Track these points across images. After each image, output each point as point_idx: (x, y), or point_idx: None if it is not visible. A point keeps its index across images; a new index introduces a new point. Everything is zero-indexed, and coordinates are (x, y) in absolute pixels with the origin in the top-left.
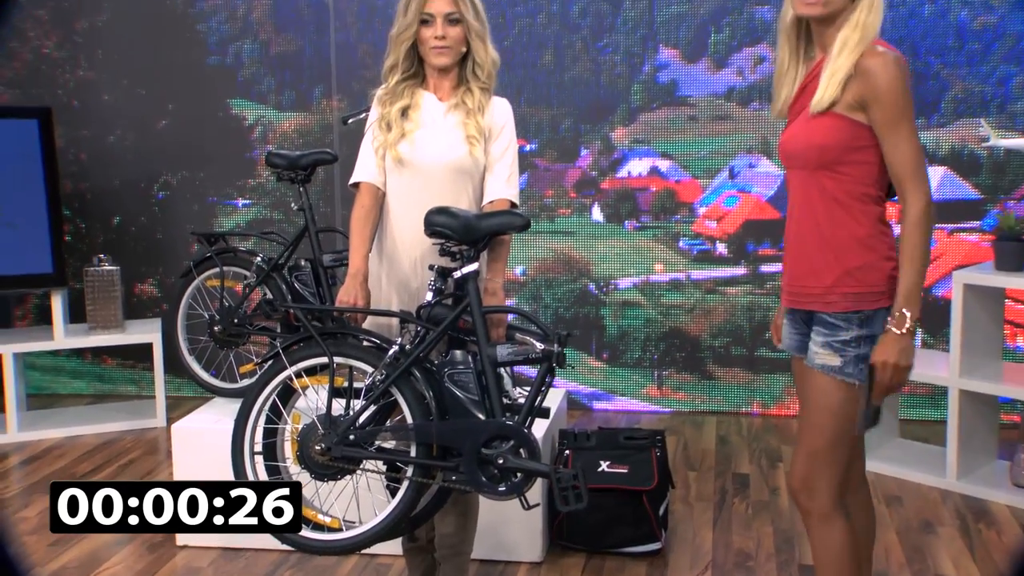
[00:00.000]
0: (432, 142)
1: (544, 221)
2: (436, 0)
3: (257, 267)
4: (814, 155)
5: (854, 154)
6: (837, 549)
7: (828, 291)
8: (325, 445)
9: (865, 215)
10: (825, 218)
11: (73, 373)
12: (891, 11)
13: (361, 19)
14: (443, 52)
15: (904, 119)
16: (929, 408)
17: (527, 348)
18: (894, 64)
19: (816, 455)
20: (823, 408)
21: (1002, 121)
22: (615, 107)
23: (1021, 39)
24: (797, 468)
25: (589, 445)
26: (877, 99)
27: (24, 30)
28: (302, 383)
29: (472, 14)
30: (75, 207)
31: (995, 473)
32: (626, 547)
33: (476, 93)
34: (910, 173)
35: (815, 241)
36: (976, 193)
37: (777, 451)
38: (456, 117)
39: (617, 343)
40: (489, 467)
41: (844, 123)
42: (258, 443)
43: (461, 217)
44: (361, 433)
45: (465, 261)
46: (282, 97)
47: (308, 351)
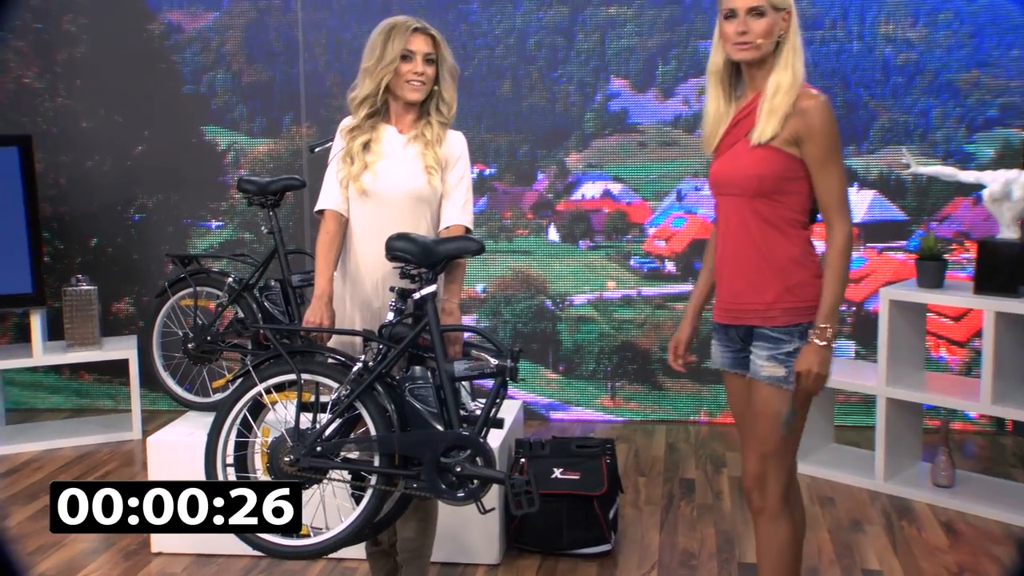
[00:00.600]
0: (393, 172)
1: (503, 241)
2: (417, 39)
3: (229, 287)
4: (753, 184)
5: (788, 184)
6: (784, 545)
7: (769, 307)
8: (294, 456)
9: (798, 237)
10: (762, 241)
11: (51, 388)
12: (823, 47)
13: (329, 51)
14: (418, 88)
15: (833, 156)
16: (860, 415)
17: (482, 364)
18: (826, 106)
19: (767, 458)
20: (770, 415)
21: (924, 149)
22: (569, 134)
23: (939, 74)
24: (750, 470)
25: (543, 453)
26: (812, 137)
27: (6, 61)
28: (271, 398)
29: (449, 55)
30: (54, 229)
31: (918, 475)
32: (578, 549)
33: (435, 126)
34: (836, 205)
35: (754, 262)
36: (903, 215)
37: (722, 457)
38: (415, 148)
39: (572, 356)
40: (448, 475)
41: (780, 156)
42: (230, 455)
43: (420, 242)
44: (327, 445)
45: (424, 283)
46: (253, 124)
47: (277, 368)
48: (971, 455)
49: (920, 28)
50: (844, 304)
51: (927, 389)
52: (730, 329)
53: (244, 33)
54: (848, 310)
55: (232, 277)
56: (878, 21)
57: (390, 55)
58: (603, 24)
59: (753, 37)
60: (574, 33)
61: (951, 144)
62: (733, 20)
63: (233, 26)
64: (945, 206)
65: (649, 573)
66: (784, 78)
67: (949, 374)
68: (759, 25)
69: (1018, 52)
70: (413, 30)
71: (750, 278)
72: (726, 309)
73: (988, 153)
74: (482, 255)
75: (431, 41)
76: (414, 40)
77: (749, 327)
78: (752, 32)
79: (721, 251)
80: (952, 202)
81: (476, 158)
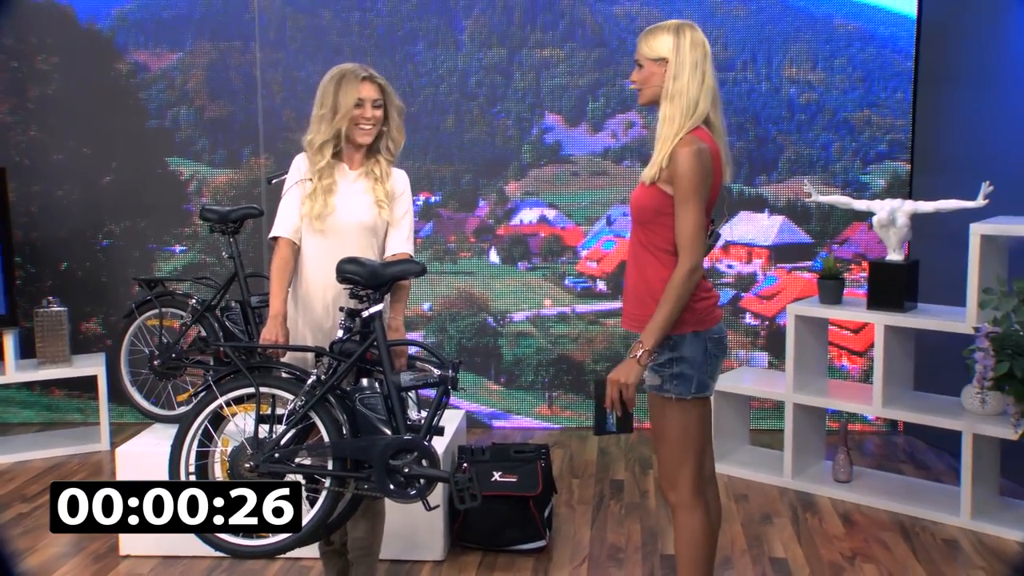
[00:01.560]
0: (346, 206)
1: (448, 263)
2: (365, 87)
3: (192, 308)
4: (638, 214)
5: (661, 217)
6: (698, 535)
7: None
8: (253, 463)
9: (670, 263)
10: (644, 263)
11: (23, 403)
12: (735, 87)
13: (285, 88)
14: (368, 132)
15: (691, 198)
16: (772, 419)
17: (426, 374)
18: (691, 155)
19: (670, 459)
20: (658, 421)
21: (825, 179)
22: (508, 164)
23: (838, 112)
24: (661, 470)
25: (484, 458)
26: (675, 180)
27: None
28: (231, 411)
29: (395, 97)
30: (26, 254)
31: (821, 472)
32: (516, 545)
33: (383, 163)
34: (687, 241)
35: (638, 281)
36: (808, 238)
37: (648, 460)
38: (365, 183)
39: (512, 369)
40: (396, 476)
41: (659, 192)
42: (192, 463)
43: (368, 265)
44: (284, 451)
45: (371, 303)
46: (215, 155)
47: (236, 383)
48: (869, 453)
49: (820, 72)
50: (757, 319)
51: (829, 395)
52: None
53: (206, 72)
54: (761, 324)
55: (195, 299)
56: (783, 65)
57: (345, 105)
58: (538, 64)
59: (638, 86)
60: (511, 72)
61: (848, 175)
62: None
63: (196, 65)
64: (845, 230)
65: (580, 566)
66: (663, 130)
67: (849, 381)
68: (639, 75)
69: (902, 95)
70: (362, 79)
71: (635, 293)
72: (630, 318)
73: (880, 183)
74: (429, 276)
75: (378, 88)
76: (363, 88)
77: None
78: (636, 81)
79: (626, 269)
80: (851, 226)
81: (422, 187)
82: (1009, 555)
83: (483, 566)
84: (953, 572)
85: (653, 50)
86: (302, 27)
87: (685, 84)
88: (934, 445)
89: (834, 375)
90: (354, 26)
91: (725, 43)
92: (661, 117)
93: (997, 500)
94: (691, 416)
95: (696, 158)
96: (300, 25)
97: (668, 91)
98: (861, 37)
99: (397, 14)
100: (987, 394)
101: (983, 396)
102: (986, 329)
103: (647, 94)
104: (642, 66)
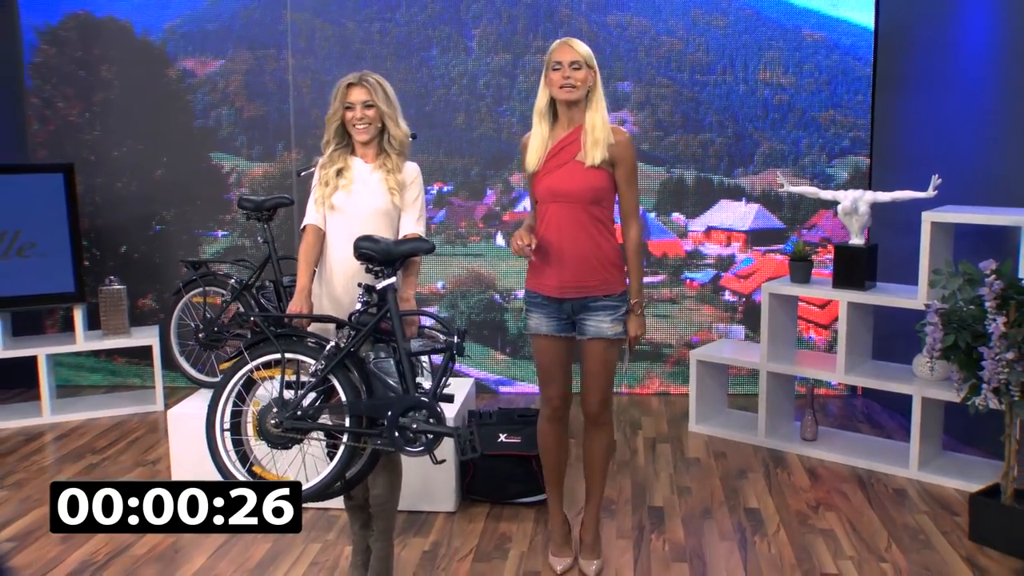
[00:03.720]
0: (362, 194)
1: (459, 246)
2: (355, 91)
3: (232, 287)
4: (591, 194)
5: (609, 195)
6: (610, 444)
7: (604, 282)
8: (278, 420)
9: (614, 233)
10: (599, 236)
11: (92, 368)
12: (716, 88)
13: (314, 90)
14: (363, 130)
15: (634, 176)
16: (750, 386)
17: (434, 341)
18: (631, 141)
19: (609, 387)
20: (612, 360)
21: (796, 171)
22: (513, 157)
23: (806, 112)
24: (599, 397)
25: (491, 422)
26: (624, 161)
27: (55, 102)
28: (261, 374)
29: (384, 101)
30: (92, 239)
31: (791, 431)
32: (519, 499)
33: (394, 158)
34: (634, 212)
35: (592, 251)
36: (781, 224)
37: (638, 422)
38: (379, 175)
39: (517, 340)
40: (406, 432)
41: (606, 174)
42: (227, 421)
43: (382, 242)
44: (306, 410)
45: (385, 277)
46: (252, 151)
47: (265, 349)
48: (832, 415)
49: (790, 75)
50: (735, 296)
51: (796, 363)
52: (565, 303)
53: (244, 76)
54: (739, 300)
55: (234, 279)
56: (758, 69)
57: (335, 107)
58: (539, 67)
59: (574, 81)
60: (516, 75)
61: (815, 167)
62: (559, 70)
63: (235, 71)
64: (812, 217)
65: (577, 516)
66: (598, 118)
67: (815, 351)
68: (579, 74)
69: (862, 97)
70: (348, 85)
71: (588, 263)
72: (569, 286)
73: (843, 175)
74: (441, 257)
75: (366, 90)
76: (351, 93)
77: (582, 299)
78: (573, 78)
79: (557, 244)
80: (817, 214)
81: (436, 177)
82: (948, 500)
83: (491, 516)
84: (901, 516)
85: (591, 58)
86: (329, 36)
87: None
88: (888, 407)
89: (801, 345)
90: (375, 34)
91: (707, 50)
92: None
93: (940, 454)
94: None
95: (633, 144)
96: (327, 34)
97: (599, 92)
98: (826, 46)
99: (413, 23)
100: (935, 363)
101: (932, 364)
102: (936, 306)
103: (581, 91)
104: (580, 68)
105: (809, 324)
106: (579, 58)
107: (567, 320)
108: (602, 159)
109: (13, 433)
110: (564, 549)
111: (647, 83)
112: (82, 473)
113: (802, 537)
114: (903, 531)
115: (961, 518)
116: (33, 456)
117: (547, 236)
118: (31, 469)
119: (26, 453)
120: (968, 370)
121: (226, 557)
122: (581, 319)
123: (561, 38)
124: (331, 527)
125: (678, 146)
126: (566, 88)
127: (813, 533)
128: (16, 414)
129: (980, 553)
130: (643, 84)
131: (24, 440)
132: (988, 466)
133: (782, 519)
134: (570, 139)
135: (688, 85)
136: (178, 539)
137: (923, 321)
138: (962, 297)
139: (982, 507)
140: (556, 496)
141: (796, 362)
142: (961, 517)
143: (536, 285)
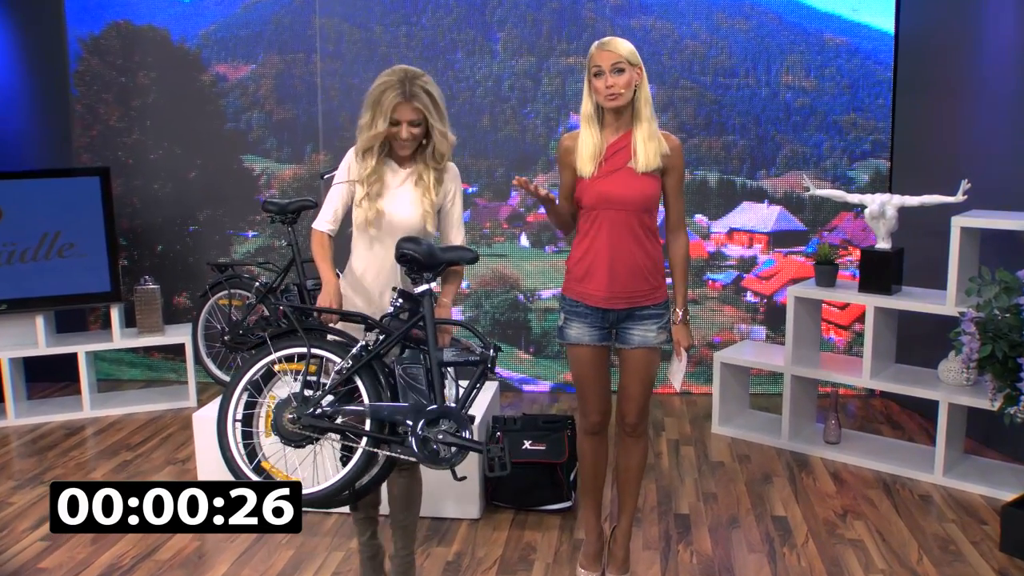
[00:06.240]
0: (392, 206)
1: (483, 246)
2: (403, 109)
3: (257, 289)
4: (644, 201)
5: (657, 203)
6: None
7: (654, 290)
8: (296, 415)
9: (659, 242)
10: (648, 245)
11: (130, 364)
12: (739, 91)
13: (341, 93)
14: (406, 147)
15: (682, 185)
16: (771, 385)
17: (468, 352)
18: (681, 148)
19: (647, 398)
20: (651, 370)
21: (817, 174)
22: (537, 158)
23: (828, 115)
24: (640, 408)
25: (516, 428)
26: (676, 170)
27: (96, 108)
28: (282, 367)
29: (436, 117)
30: (129, 239)
31: (815, 434)
32: (544, 505)
33: (431, 173)
34: (682, 221)
35: (642, 261)
36: (802, 225)
37: (661, 423)
38: (414, 191)
39: (540, 340)
40: (430, 442)
41: (657, 181)
42: (239, 412)
43: (426, 245)
44: (326, 409)
45: (424, 283)
46: (281, 153)
47: (290, 341)
48: (851, 415)
49: (812, 79)
50: (757, 297)
51: (821, 366)
52: (609, 313)
53: (274, 81)
54: (760, 301)
55: (259, 282)
56: (781, 73)
57: (379, 126)
58: (564, 70)
59: (617, 89)
60: (540, 78)
61: (837, 170)
62: (601, 77)
63: (265, 75)
64: (833, 219)
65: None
66: (649, 127)
67: (837, 353)
68: (622, 79)
69: (883, 101)
70: (400, 102)
71: (640, 273)
72: (618, 296)
73: (864, 178)
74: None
75: (416, 110)
76: (399, 111)
77: (628, 308)
78: (617, 85)
79: (608, 253)
80: (838, 216)
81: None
82: (975, 507)
83: (515, 523)
84: (929, 525)
85: (634, 55)
86: (356, 40)
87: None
88: (906, 407)
89: (821, 346)
90: (402, 38)
91: (730, 53)
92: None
93: (964, 459)
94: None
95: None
96: (355, 38)
97: (646, 94)
98: (848, 50)
99: (439, 27)
100: (972, 371)
101: (969, 376)
102: (971, 315)
103: (627, 96)
104: (623, 71)
105: (829, 325)
106: (621, 59)
107: (608, 330)
108: (656, 166)
109: (57, 427)
110: (595, 563)
111: (670, 86)
112: (114, 472)
113: (832, 548)
114: (933, 541)
115: (990, 527)
116: (72, 451)
117: (596, 244)
118: (69, 465)
119: (66, 448)
120: (1004, 380)
121: (249, 564)
122: (624, 328)
123: (599, 40)
124: (354, 536)
125: (701, 148)
126: (610, 97)
127: (843, 544)
128: (59, 408)
129: (1013, 565)
130: (666, 87)
131: (65, 435)
132: (1012, 471)
133: (810, 528)
134: (620, 144)
135: (711, 88)
136: (202, 545)
137: (957, 329)
138: (997, 305)
139: (1014, 518)
140: (594, 508)
141: (821, 365)
142: (990, 526)
143: (579, 294)
